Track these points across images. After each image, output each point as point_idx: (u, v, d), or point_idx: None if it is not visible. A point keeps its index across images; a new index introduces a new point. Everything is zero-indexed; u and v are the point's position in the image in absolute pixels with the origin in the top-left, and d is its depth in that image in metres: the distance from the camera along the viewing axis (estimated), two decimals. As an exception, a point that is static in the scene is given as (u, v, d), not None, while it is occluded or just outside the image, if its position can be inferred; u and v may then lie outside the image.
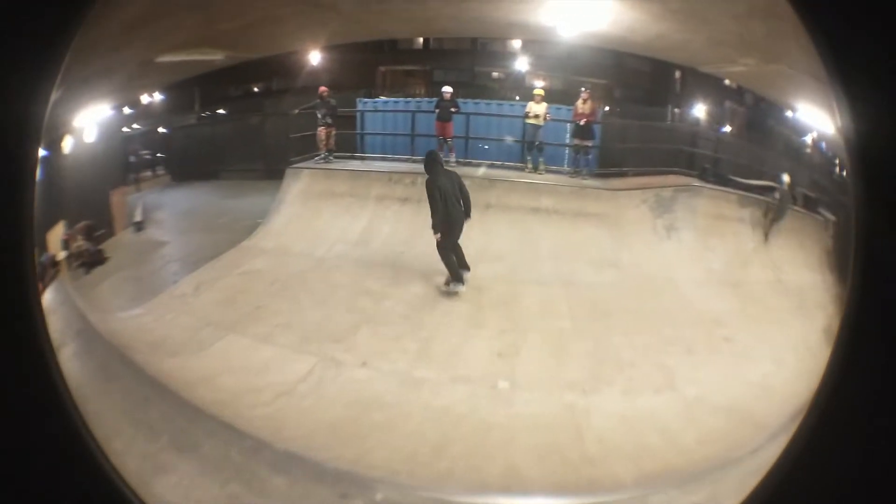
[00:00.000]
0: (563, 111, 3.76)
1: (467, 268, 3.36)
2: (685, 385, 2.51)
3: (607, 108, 3.84)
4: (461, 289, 3.25)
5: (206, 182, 3.81)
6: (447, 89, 3.50)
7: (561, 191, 3.66)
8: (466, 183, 3.31)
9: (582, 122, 3.74)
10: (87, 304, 3.30)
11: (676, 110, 3.42)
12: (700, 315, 2.94)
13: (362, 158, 3.59)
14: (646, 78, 3.56)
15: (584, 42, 3.21)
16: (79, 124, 3.53)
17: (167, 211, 3.84)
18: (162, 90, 3.56)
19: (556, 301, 3.21)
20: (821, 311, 1.94)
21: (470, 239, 3.42)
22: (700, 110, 3.27)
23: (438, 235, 3.33)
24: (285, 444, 2.26)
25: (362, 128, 3.59)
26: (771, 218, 3.09)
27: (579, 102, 3.72)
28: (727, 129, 3.16)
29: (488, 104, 3.66)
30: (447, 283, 3.30)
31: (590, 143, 3.79)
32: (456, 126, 3.49)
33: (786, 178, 2.95)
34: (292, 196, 3.70)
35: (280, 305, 3.31)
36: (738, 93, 3.03)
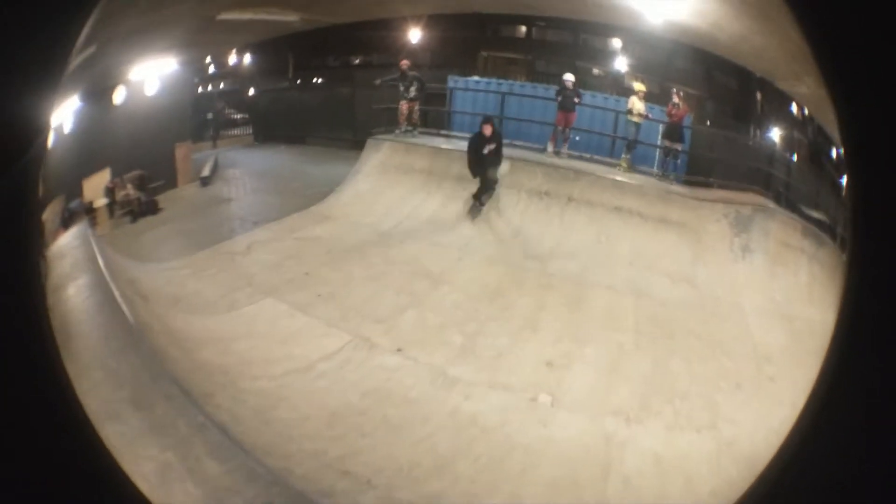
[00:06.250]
0: (656, 111, 3.60)
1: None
2: (725, 425, 2.29)
3: (694, 116, 3.66)
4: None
5: (291, 146, 3.77)
6: (569, 77, 3.35)
7: (646, 193, 3.45)
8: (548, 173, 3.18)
9: (673, 122, 3.60)
10: (117, 250, 3.22)
11: (758, 130, 3.30)
12: (756, 347, 2.70)
13: (448, 136, 3.49)
14: (733, 93, 3.42)
15: (673, 35, 3.12)
16: (135, 77, 3.51)
17: (240, 170, 3.81)
18: (250, 52, 3.56)
19: (623, 312, 2.97)
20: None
21: (546, 233, 3.28)
22: (776, 134, 3.13)
23: None
24: (269, 425, 2.01)
25: (451, 106, 3.49)
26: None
27: (672, 102, 3.57)
28: (795, 157, 3.06)
29: (593, 96, 3.52)
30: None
31: (679, 147, 3.68)
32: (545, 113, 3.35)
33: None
34: (369, 167, 3.60)
35: (329, 275, 3.09)
36: (802, 123, 2.91)
